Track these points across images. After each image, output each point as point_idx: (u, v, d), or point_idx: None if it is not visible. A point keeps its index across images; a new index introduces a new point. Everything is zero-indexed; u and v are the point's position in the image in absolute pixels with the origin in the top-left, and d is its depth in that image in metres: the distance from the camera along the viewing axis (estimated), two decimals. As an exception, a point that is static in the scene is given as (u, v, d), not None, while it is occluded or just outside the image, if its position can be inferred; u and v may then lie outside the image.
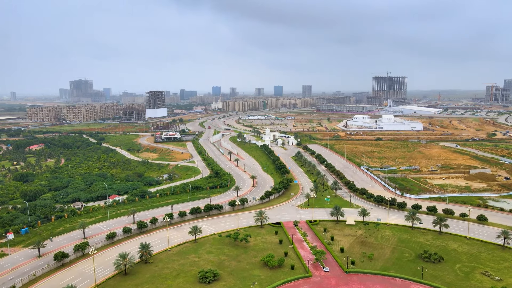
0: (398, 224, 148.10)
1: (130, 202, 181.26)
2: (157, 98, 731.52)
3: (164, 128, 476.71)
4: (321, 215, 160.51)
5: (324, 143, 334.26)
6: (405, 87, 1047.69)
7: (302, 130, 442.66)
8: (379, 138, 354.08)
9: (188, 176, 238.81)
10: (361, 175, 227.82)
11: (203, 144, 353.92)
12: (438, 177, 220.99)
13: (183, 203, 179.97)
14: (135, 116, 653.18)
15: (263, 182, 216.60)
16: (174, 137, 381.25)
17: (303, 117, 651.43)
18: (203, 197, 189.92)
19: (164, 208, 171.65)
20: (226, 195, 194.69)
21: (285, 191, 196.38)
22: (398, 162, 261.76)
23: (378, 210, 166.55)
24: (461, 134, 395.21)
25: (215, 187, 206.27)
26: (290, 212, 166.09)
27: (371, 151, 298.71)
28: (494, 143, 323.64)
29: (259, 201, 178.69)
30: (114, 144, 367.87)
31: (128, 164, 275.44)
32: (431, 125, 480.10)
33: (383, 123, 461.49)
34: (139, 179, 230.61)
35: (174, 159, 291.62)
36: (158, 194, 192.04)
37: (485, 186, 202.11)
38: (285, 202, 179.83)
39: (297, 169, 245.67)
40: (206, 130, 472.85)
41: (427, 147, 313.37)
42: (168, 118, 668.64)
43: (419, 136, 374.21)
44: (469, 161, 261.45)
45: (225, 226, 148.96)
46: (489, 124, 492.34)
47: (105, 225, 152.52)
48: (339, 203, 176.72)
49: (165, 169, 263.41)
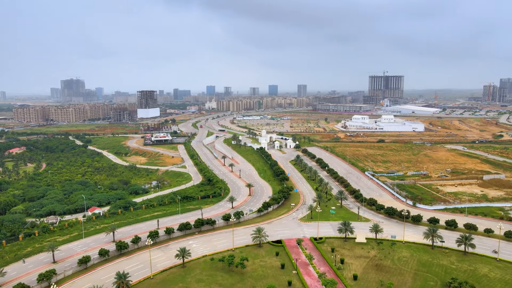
0: (416, 242, 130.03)
1: (112, 216, 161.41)
2: (149, 98, 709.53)
3: (155, 129, 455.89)
4: (326, 230, 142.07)
5: (324, 146, 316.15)
6: (401, 86, 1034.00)
7: (299, 131, 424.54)
8: (381, 140, 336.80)
9: (178, 183, 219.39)
10: (366, 182, 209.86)
11: (196, 146, 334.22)
12: (449, 184, 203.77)
13: (171, 216, 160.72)
14: (126, 116, 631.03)
15: (260, 191, 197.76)
16: (165, 139, 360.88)
17: (300, 117, 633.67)
18: (194, 208, 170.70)
19: (149, 223, 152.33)
20: (220, 206, 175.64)
21: (284, 201, 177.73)
22: (404, 166, 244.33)
23: (390, 224, 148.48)
24: (466, 135, 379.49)
25: (207, 197, 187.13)
26: (291, 227, 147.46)
27: (374, 154, 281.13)
28: (504, 146, 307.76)
29: (256, 213, 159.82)
30: (101, 146, 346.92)
31: (114, 170, 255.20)
32: (432, 126, 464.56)
33: (383, 123, 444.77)
34: (125, 187, 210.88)
35: (164, 163, 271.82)
36: (144, 206, 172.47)
37: (503, 194, 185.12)
38: (285, 215, 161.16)
39: (297, 175, 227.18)
40: (199, 131, 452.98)
41: (433, 149, 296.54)
42: (160, 118, 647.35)
43: (422, 138, 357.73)
44: (480, 165, 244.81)
45: (219, 245, 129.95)
46: (492, 124, 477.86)
47: (81, 245, 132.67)
48: (345, 215, 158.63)
49: (154, 175, 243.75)
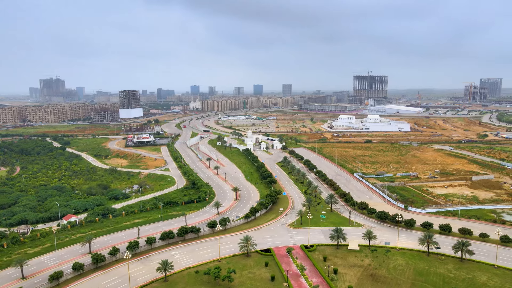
0: (410, 249, 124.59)
1: (89, 224, 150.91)
2: (132, 98, 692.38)
3: (138, 130, 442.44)
4: (317, 237, 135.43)
5: (311, 147, 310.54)
6: (386, 86, 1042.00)
7: (285, 132, 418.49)
8: (368, 141, 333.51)
9: (161, 187, 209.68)
10: (356, 184, 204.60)
11: (179, 148, 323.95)
12: (439, 185, 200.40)
13: (153, 224, 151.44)
14: (107, 117, 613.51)
15: (247, 195, 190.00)
16: (147, 140, 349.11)
17: (286, 117, 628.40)
18: (177, 215, 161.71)
19: (129, 231, 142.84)
20: (205, 211, 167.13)
21: (272, 205, 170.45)
22: (393, 167, 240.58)
23: (382, 229, 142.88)
24: (451, 135, 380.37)
25: (191, 202, 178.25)
26: (280, 233, 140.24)
27: (362, 155, 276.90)
28: (489, 145, 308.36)
29: (244, 220, 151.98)
30: (80, 148, 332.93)
31: (93, 173, 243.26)
32: (417, 126, 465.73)
33: (369, 123, 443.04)
34: (104, 192, 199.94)
35: (146, 166, 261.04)
36: (124, 212, 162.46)
37: (493, 195, 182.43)
38: (273, 220, 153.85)
39: (285, 178, 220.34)
40: (183, 132, 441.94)
41: (420, 150, 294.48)
42: (143, 119, 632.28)
43: (409, 138, 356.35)
44: (468, 165, 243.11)
45: (204, 255, 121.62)
46: (475, 124, 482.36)
47: (53, 257, 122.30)
48: (336, 220, 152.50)
49: (136, 178, 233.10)
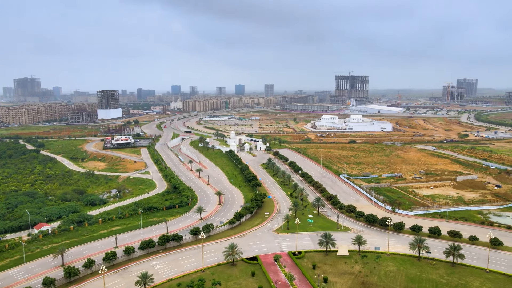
0: (401, 254, 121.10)
1: (62, 233, 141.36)
2: (111, 98, 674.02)
3: (117, 132, 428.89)
4: (305, 243, 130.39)
5: (295, 148, 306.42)
6: (367, 86, 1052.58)
7: (269, 132, 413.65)
8: (352, 141, 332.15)
9: (141, 191, 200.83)
10: (342, 186, 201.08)
11: (160, 150, 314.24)
12: (425, 186, 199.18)
13: (132, 231, 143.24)
14: (85, 117, 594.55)
15: (231, 199, 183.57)
16: (127, 142, 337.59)
17: (268, 117, 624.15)
18: (158, 221, 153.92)
19: (106, 240, 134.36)
20: (187, 217, 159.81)
21: (258, 209, 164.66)
22: (378, 168, 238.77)
23: (371, 233, 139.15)
24: (433, 135, 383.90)
25: (173, 207, 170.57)
26: (267, 239, 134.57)
27: (347, 156, 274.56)
28: (471, 145, 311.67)
29: (228, 225, 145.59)
30: (55, 151, 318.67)
31: (68, 177, 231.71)
32: (398, 125, 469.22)
33: (352, 123, 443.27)
34: (80, 197, 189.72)
35: (125, 169, 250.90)
36: (101, 219, 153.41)
37: (478, 196, 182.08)
38: (259, 226, 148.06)
39: (269, 180, 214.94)
40: (164, 133, 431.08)
41: (404, 150, 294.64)
42: (122, 119, 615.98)
43: (392, 138, 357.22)
44: (451, 165, 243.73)
45: (186, 266, 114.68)
46: (455, 123, 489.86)
47: (23, 271, 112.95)
48: (324, 224, 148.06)
49: (114, 182, 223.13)
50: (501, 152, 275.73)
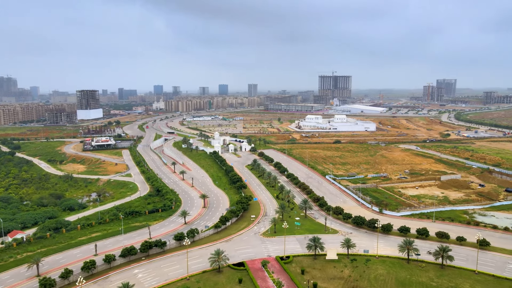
0: (390, 256, 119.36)
1: (38, 240, 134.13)
2: (91, 98, 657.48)
3: (97, 133, 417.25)
4: (293, 247, 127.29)
5: (280, 148, 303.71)
6: (350, 86, 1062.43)
7: (253, 133, 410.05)
8: (337, 141, 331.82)
9: (122, 195, 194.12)
10: (328, 187, 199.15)
11: (142, 151, 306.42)
12: (410, 186, 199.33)
13: (113, 238, 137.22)
14: (64, 118, 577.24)
15: (216, 201, 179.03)
16: (107, 143, 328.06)
17: (252, 118, 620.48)
18: (140, 226, 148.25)
19: (86, 247, 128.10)
20: (171, 221, 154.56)
21: (243, 212, 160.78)
22: (363, 168, 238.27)
23: (359, 235, 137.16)
24: (416, 134, 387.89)
25: (156, 211, 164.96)
26: (253, 244, 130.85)
27: (332, 156, 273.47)
28: (453, 144, 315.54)
29: (213, 230, 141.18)
30: (32, 153, 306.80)
31: (45, 181, 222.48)
32: (382, 125, 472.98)
33: (336, 123, 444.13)
34: (57, 202, 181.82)
35: (106, 172, 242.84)
36: (80, 225, 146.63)
37: (462, 195, 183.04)
38: (245, 229, 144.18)
39: (255, 182, 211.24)
40: (146, 134, 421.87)
41: (388, 150, 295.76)
42: (103, 120, 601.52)
43: (376, 138, 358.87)
44: (435, 165, 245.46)
45: (170, 273, 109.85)
46: (436, 123, 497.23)
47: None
48: (311, 227, 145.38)
49: (94, 186, 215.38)
50: (482, 152, 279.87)
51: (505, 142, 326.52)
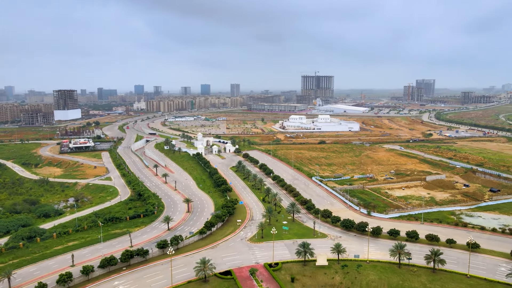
0: (381, 261, 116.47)
1: (10, 251, 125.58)
2: (69, 98, 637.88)
3: (75, 134, 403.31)
4: (282, 252, 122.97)
5: (265, 149, 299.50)
6: (332, 86, 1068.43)
7: (237, 133, 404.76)
8: (322, 141, 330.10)
9: (101, 199, 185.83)
10: (315, 189, 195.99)
11: (123, 153, 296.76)
12: (397, 187, 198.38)
13: (91, 246, 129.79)
14: (40, 119, 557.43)
15: (201, 206, 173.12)
16: (86, 145, 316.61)
17: (236, 118, 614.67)
18: (120, 233, 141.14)
19: (62, 258, 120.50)
20: (153, 227, 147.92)
21: (229, 217, 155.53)
22: (349, 169, 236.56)
23: (348, 239, 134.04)
24: (399, 134, 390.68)
25: (137, 216, 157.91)
26: (240, 250, 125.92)
27: (318, 157, 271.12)
28: (436, 144, 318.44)
29: (198, 236, 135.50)
30: (5, 156, 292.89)
31: (19, 186, 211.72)
32: (365, 125, 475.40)
33: (320, 123, 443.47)
34: (32, 208, 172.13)
35: (84, 175, 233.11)
36: (56, 234, 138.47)
37: (448, 196, 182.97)
38: (232, 235, 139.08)
39: (240, 184, 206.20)
40: (127, 135, 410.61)
41: (373, 150, 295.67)
42: (82, 121, 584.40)
43: (360, 138, 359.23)
44: (419, 165, 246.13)
45: (153, 284, 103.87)
46: (418, 123, 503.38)
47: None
48: (299, 231, 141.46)
49: (72, 190, 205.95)
50: (465, 151, 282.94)
51: (486, 142, 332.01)
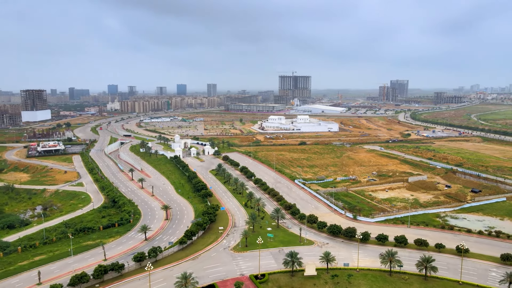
0: (371, 269, 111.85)
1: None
2: (37, 98, 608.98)
3: (44, 136, 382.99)
4: (268, 262, 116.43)
5: (245, 151, 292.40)
6: (309, 86, 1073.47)
7: (215, 134, 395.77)
8: (303, 142, 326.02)
9: (72, 207, 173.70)
10: (298, 192, 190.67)
11: (96, 157, 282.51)
12: (380, 189, 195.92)
13: (61, 261, 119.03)
14: (6, 120, 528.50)
15: (180, 212, 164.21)
16: (56, 149, 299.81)
17: (213, 118, 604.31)
18: (93, 245, 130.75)
19: (27, 274, 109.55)
20: (129, 238, 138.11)
21: (211, 224, 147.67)
22: (331, 171, 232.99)
23: (336, 245, 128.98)
24: (378, 134, 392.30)
25: (112, 226, 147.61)
26: (224, 261, 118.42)
27: (299, 159, 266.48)
28: (414, 144, 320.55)
29: (178, 246, 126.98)
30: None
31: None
32: (343, 125, 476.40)
33: (299, 124, 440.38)
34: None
35: (53, 181, 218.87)
36: (21, 247, 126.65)
37: (431, 197, 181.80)
38: (214, 244, 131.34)
39: (221, 188, 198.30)
40: (100, 137, 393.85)
41: (353, 151, 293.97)
42: (51, 122, 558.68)
43: (340, 138, 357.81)
44: (400, 166, 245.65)
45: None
46: (395, 123, 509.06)
47: None
48: (285, 238, 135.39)
49: (39, 197, 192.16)
50: (443, 151, 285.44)
51: (462, 142, 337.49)
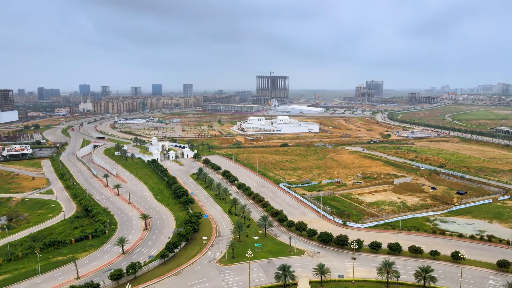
0: (367, 280, 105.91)
1: None
2: (3, 98, 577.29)
3: (10, 139, 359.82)
4: (257, 276, 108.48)
5: (226, 153, 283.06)
6: (287, 86, 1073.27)
7: (194, 136, 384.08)
8: (284, 144, 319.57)
9: (41, 218, 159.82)
10: (284, 197, 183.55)
11: (67, 161, 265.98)
12: (366, 192, 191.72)
13: (26, 281, 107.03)
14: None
15: (160, 221, 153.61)
16: (23, 153, 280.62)
17: (191, 119, 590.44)
18: (64, 261, 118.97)
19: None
20: (105, 251, 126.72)
21: (194, 234, 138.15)
22: (316, 173, 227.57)
23: (327, 254, 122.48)
24: (358, 135, 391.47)
25: (85, 238, 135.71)
26: (209, 275, 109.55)
27: (282, 161, 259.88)
28: (396, 145, 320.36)
29: (159, 260, 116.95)
30: None
31: None
32: (323, 126, 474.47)
33: (279, 125, 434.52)
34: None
35: (20, 188, 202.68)
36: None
37: (418, 200, 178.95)
38: (198, 256, 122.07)
39: (202, 194, 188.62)
40: (72, 139, 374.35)
41: (336, 152, 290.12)
42: (19, 124, 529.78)
43: (321, 140, 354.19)
44: (384, 167, 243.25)
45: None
46: (374, 123, 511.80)
47: None
48: (273, 248, 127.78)
49: (4, 207, 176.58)
50: (424, 152, 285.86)
51: (441, 142, 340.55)
